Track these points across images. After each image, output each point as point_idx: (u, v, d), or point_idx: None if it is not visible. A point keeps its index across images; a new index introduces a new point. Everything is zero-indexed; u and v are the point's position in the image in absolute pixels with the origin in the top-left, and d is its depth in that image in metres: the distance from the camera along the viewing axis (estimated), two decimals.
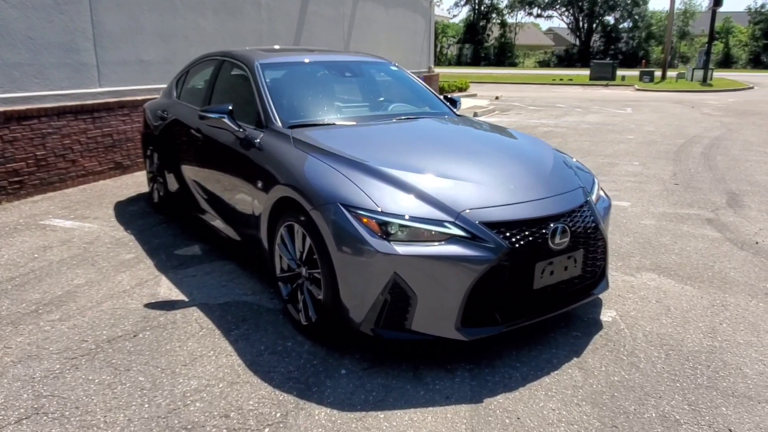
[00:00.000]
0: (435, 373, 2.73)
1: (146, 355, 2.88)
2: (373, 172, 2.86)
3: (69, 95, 6.37)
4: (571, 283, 2.96)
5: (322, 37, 11.49)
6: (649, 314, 3.38)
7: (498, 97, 20.69)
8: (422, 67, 17.33)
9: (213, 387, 2.61)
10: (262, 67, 3.95)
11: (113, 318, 3.29)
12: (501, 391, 2.60)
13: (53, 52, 6.16)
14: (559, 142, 10.05)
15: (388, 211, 2.63)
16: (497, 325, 2.72)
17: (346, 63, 4.39)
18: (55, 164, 6.26)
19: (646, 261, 4.25)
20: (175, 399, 2.51)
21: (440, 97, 4.54)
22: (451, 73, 35.24)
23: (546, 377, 2.72)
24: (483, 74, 38.35)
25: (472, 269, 2.56)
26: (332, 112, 3.87)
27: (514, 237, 2.66)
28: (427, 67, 17.92)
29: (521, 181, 2.98)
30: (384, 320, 2.65)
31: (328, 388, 2.60)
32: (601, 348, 2.99)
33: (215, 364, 2.80)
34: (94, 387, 2.61)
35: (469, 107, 16.05)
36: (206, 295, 3.60)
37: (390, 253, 2.54)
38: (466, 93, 21.79)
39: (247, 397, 2.53)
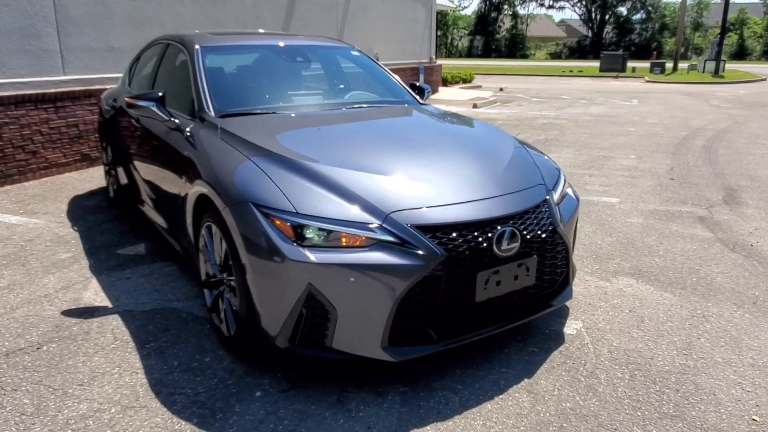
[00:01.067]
0: (362, 397, 2.39)
1: (42, 372, 2.56)
2: (296, 168, 2.51)
3: (29, 83, 6.07)
4: (524, 294, 2.61)
5: (314, 26, 11.12)
6: (619, 326, 3.01)
7: (502, 89, 20.20)
8: (423, 58, 16.90)
9: (103, 413, 2.28)
10: (202, 51, 3.61)
11: (22, 327, 2.98)
12: (432, 420, 2.26)
13: (10, 37, 5.85)
14: (557, 134, 9.63)
15: (305, 213, 2.28)
16: (432, 343, 2.37)
17: (299, 47, 4.03)
18: (13, 156, 5.97)
19: (626, 264, 3.88)
20: (55, 428, 2.19)
21: (404, 85, 4.18)
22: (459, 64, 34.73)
23: (488, 403, 2.37)
24: (492, 66, 37.75)
25: (399, 280, 2.21)
26: (276, 100, 3.51)
27: (452, 243, 2.30)
28: (428, 58, 17.48)
29: (469, 177, 2.62)
30: (301, 336, 2.31)
31: (234, 416, 2.27)
32: (558, 367, 2.64)
33: (116, 383, 2.48)
34: None
35: (470, 98, 15.62)
36: (134, 301, 3.28)
37: (303, 261, 2.20)
38: (471, 84, 21.33)
39: (139, 426, 2.20)
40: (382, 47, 14.00)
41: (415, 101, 4.00)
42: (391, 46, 14.59)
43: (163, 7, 7.61)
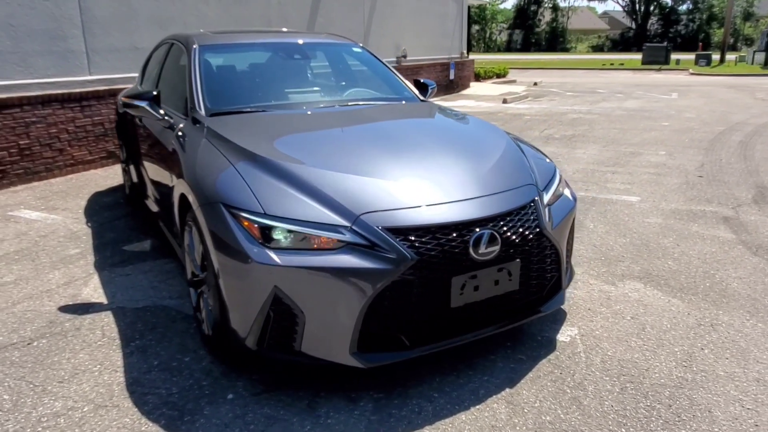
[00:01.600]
0: (334, 403, 2.34)
1: (27, 368, 2.61)
2: (271, 168, 2.46)
3: (56, 83, 6.25)
4: (508, 300, 2.50)
5: (339, 23, 11.10)
6: (617, 334, 2.86)
7: (536, 83, 19.77)
8: (453, 53, 16.68)
9: (76, 411, 2.30)
10: (200, 50, 3.61)
11: (19, 322, 3.05)
12: (401, 429, 2.18)
13: (37, 39, 6.04)
14: (585, 129, 9.33)
15: (273, 214, 2.23)
16: (405, 350, 2.29)
17: (299, 45, 3.98)
18: (41, 153, 6.17)
19: (636, 267, 3.69)
20: (27, 425, 2.22)
21: (405, 82, 4.09)
22: (495, 59, 34.27)
23: (463, 413, 2.27)
24: (530, 60, 37.04)
25: (368, 284, 2.14)
26: (269, 98, 3.48)
27: (424, 246, 2.22)
28: (459, 53, 17.24)
29: (450, 178, 2.52)
30: (269, 339, 2.27)
31: (202, 418, 2.25)
32: (544, 377, 2.52)
33: (94, 381, 2.50)
34: None
35: (501, 94, 15.34)
36: (128, 298, 3.32)
37: (268, 263, 2.16)
38: (505, 79, 20.97)
39: (107, 426, 2.21)
40: (411, 43, 13.89)
41: (415, 98, 3.91)
42: (421, 42, 14.44)
43: (186, 6, 7.72)
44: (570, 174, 6.25)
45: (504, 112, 11.93)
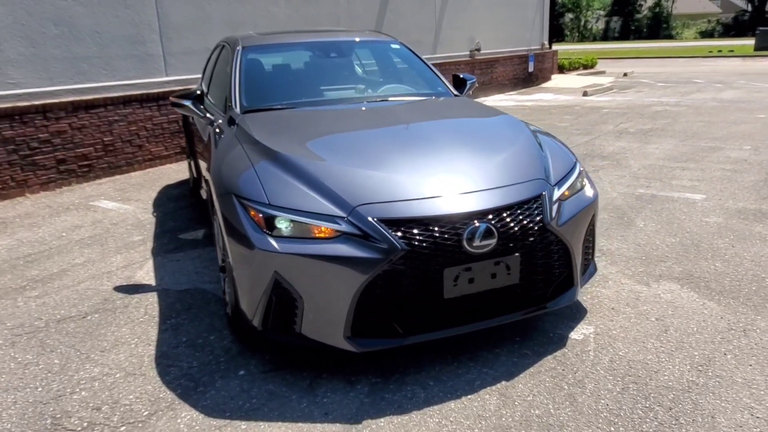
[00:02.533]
0: (333, 384, 2.47)
1: (78, 338, 2.96)
2: (282, 162, 2.62)
3: (135, 84, 6.85)
4: (509, 293, 2.50)
5: (409, 18, 11.18)
6: (635, 335, 2.77)
7: (626, 74, 18.77)
8: (533, 44, 16.23)
9: (109, 377, 2.60)
10: (243, 50, 3.86)
11: (80, 298, 3.44)
12: (390, 413, 2.27)
13: (120, 44, 6.64)
14: (666, 123, 8.81)
15: (277, 204, 2.39)
16: (397, 337, 2.38)
17: (337, 43, 4.13)
18: (122, 149, 6.79)
19: (678, 268, 3.51)
20: (68, 385, 2.54)
21: (441, 78, 4.11)
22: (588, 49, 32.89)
23: (453, 401, 2.32)
24: (627, 49, 35.12)
25: (359, 273, 2.25)
26: (302, 95, 3.66)
27: (415, 237, 2.29)
28: (540, 44, 16.75)
29: (453, 172, 2.56)
30: (272, 321, 2.44)
31: (213, 390, 2.46)
32: (545, 372, 2.50)
33: (129, 353, 2.80)
34: (14, 365, 2.73)
35: (583, 86, 14.74)
36: (173, 281, 3.64)
37: (269, 250, 2.32)
38: (593, 70, 20.12)
39: (131, 391, 2.48)
40: (487, 35, 13.68)
41: (449, 93, 3.93)
42: (497, 34, 14.19)
43: (257, 8, 8.13)
44: (634, 170, 5.97)
45: (581, 105, 11.49)
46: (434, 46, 11.98)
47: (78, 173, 6.39)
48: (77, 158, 6.36)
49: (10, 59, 5.78)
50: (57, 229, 4.80)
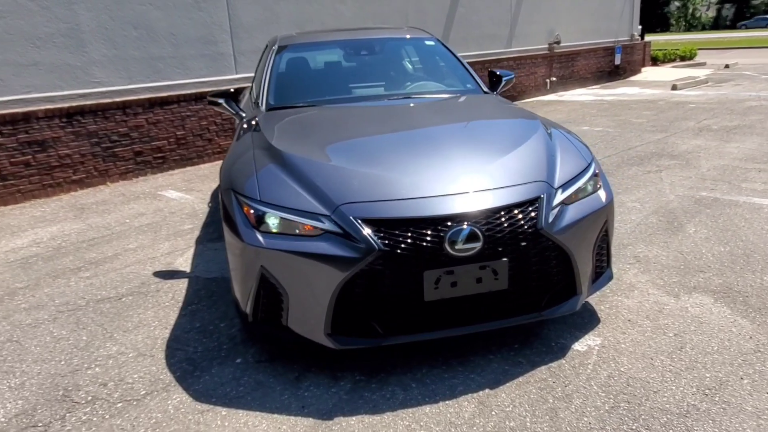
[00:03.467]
0: (318, 379, 2.52)
1: (108, 318, 3.23)
2: (281, 159, 2.70)
3: (206, 82, 7.26)
4: (498, 299, 2.43)
5: (482, 12, 10.95)
6: (645, 350, 2.59)
7: (728, 66, 17.25)
8: (621, 36, 15.35)
9: (123, 356, 2.81)
10: (279, 49, 4.00)
11: (122, 281, 3.74)
12: (364, 412, 2.29)
13: (193, 44, 7.07)
14: (755, 120, 8.05)
15: (267, 201, 2.47)
16: (377, 337, 2.38)
17: (370, 41, 4.15)
18: (193, 142, 7.23)
19: (717, 280, 3.22)
20: (86, 361, 2.79)
21: (473, 75, 4.01)
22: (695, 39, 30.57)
23: (429, 405, 2.30)
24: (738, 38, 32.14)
25: (338, 271, 2.28)
26: (327, 93, 3.72)
27: (394, 238, 2.28)
28: (629, 35, 15.79)
29: (447, 173, 2.51)
30: (261, 314, 2.53)
31: (207, 375, 2.60)
32: (534, 383, 2.40)
33: (147, 334, 3.01)
34: (49, 339, 3.03)
35: (675, 79, 13.72)
36: (205, 269, 3.85)
37: (256, 245, 2.41)
38: (690, 62, 18.71)
39: (137, 370, 2.68)
40: (568, 27, 13.11)
41: (478, 90, 3.84)
42: (580, 26, 13.55)
43: (324, 7, 8.33)
44: (703, 171, 5.52)
45: (666, 100, 10.73)
46: (509, 39, 11.65)
47: (153, 164, 6.90)
48: (152, 151, 6.86)
49: (94, 60, 6.34)
50: (123, 216, 5.22)
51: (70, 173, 6.27)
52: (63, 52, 6.09)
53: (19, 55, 5.80)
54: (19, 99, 5.85)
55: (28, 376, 2.68)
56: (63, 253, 4.34)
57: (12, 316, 3.32)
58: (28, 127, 5.91)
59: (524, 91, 12.11)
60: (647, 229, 4.08)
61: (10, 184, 5.87)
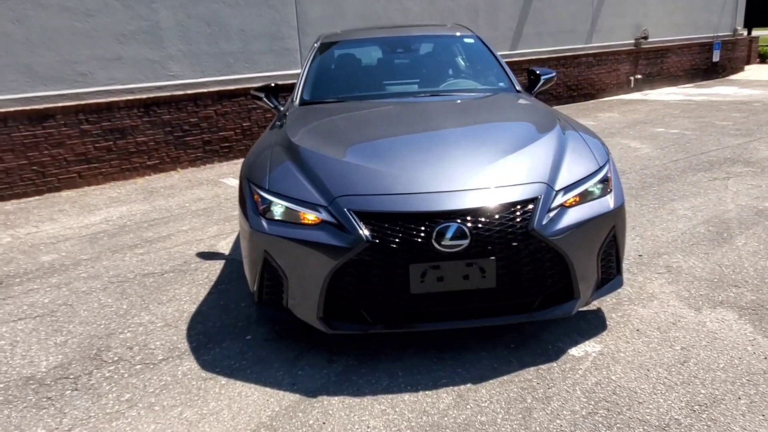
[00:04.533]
0: (315, 360, 2.68)
1: (149, 291, 3.56)
2: (294, 151, 2.86)
3: (273, 76, 7.62)
4: (487, 297, 2.46)
5: (561, 6, 10.61)
6: (644, 361, 2.51)
7: None
8: (722, 30, 14.26)
9: (152, 324, 3.11)
10: (320, 46, 4.18)
11: (168, 259, 4.09)
12: (347, 393, 2.41)
13: (261, 40, 7.44)
14: None
15: (274, 191, 2.65)
16: (365, 324, 2.49)
17: (409, 39, 4.22)
18: (258, 133, 7.63)
19: (750, 296, 3.03)
20: (121, 326, 3.11)
21: (508, 73, 3.96)
22: None
23: (408, 393, 2.38)
24: None
25: (330, 259, 2.41)
26: (358, 89, 3.85)
27: (383, 231, 2.37)
28: (731, 30, 14.63)
29: (445, 170, 2.56)
30: (265, 295, 2.71)
31: (218, 348, 2.83)
32: (518, 382, 2.42)
33: (176, 308, 3.30)
34: (96, 305, 3.40)
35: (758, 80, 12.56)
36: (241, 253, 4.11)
37: (260, 230, 2.59)
38: None
39: (160, 338, 2.96)
40: (658, 21, 12.38)
41: (510, 89, 3.80)
42: (672, 20, 12.75)
43: (390, 2, 8.45)
44: None
45: (764, 101, 9.91)
46: (589, 35, 11.21)
47: (220, 153, 7.36)
48: (220, 140, 7.32)
49: (171, 55, 6.86)
50: (184, 200, 5.65)
51: (145, 159, 6.84)
52: (143, 47, 6.64)
53: (105, 51, 6.41)
54: (103, 90, 6.46)
55: (71, 336, 3.04)
56: (126, 231, 4.79)
57: (72, 284, 3.75)
58: (111, 115, 6.52)
59: (604, 89, 11.63)
60: (691, 239, 3.88)
61: (94, 167, 6.51)
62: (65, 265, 4.08)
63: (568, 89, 11.01)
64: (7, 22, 5.83)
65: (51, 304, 3.43)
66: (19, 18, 5.90)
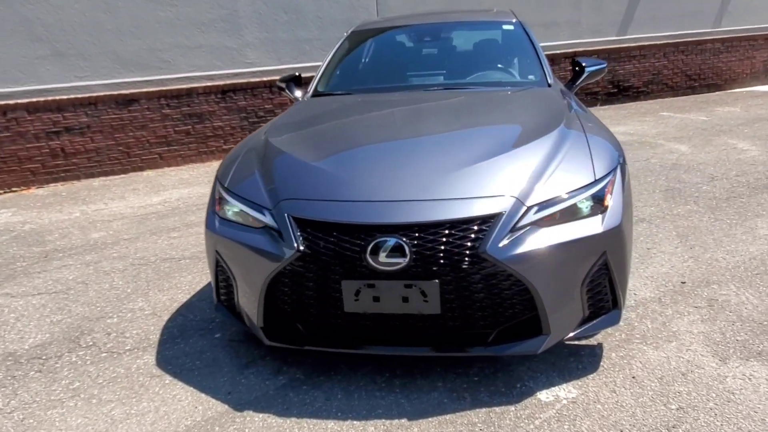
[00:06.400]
0: (263, 369, 2.55)
1: (158, 276, 3.66)
2: (263, 149, 2.72)
3: None
4: (433, 324, 2.17)
5: None
6: (621, 418, 2.07)
7: None
8: None
9: (141, 312, 3.18)
10: (350, 35, 3.99)
11: (194, 245, 4.19)
12: (273, 412, 2.25)
13: (338, 27, 7.38)
14: None
15: (231, 190, 2.53)
16: (299, 340, 2.31)
17: (441, 27, 3.87)
18: None
19: None
20: (114, 310, 3.21)
21: (543, 65, 3.44)
22: None
23: (334, 421, 2.17)
24: None
25: (266, 267, 2.26)
26: (374, 81, 3.61)
27: (317, 241, 2.17)
28: None
29: (400, 178, 2.26)
30: (221, 296, 2.63)
31: (183, 344, 2.81)
32: (459, 425, 2.10)
33: (171, 297, 3.34)
34: (107, 287, 3.56)
35: None
36: None
37: (212, 229, 2.50)
38: None
39: (139, 327, 3.00)
40: None
41: (543, 83, 3.32)
42: None
43: None
44: None
45: None
46: (718, 16, 9.78)
47: None
48: None
49: (248, 43, 7.05)
50: None
51: (221, 143, 7.13)
52: (222, 35, 6.88)
53: (186, 39, 6.73)
54: (184, 77, 6.81)
55: (68, 316, 3.20)
56: (175, 213, 5.00)
57: (100, 263, 3.97)
58: (190, 101, 6.86)
59: (733, 79, 10.14)
60: (757, 268, 3.18)
61: (174, 149, 6.91)
62: (106, 243, 4.34)
63: (687, 79, 9.74)
64: (99, 12, 6.33)
65: (71, 282, 3.66)
66: (110, 8, 6.37)
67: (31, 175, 6.35)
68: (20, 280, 3.75)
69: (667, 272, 3.21)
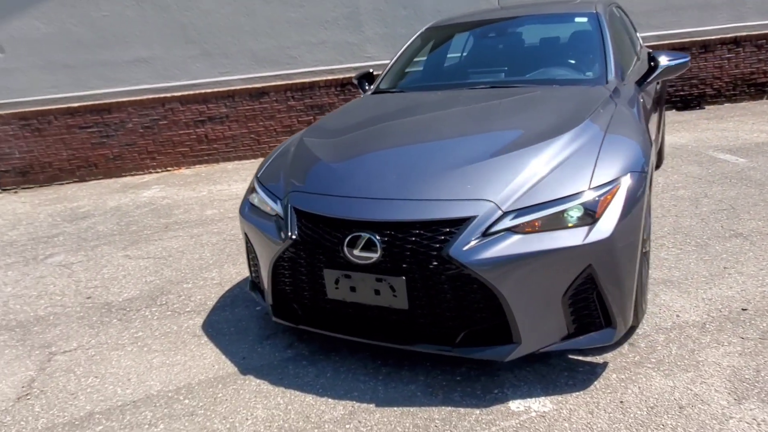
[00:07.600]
0: (281, 341, 2.83)
1: (241, 252, 4.15)
2: (297, 144, 2.98)
3: None
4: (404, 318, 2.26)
5: None
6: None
7: None
8: None
9: (212, 281, 3.67)
10: (427, 30, 4.09)
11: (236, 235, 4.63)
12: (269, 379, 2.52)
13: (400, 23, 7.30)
14: None
15: (260, 180, 2.84)
16: (297, 319, 2.55)
17: (509, 23, 3.74)
18: None
19: None
20: (192, 277, 3.75)
21: (609, 62, 3.15)
22: None
23: (312, 396, 2.37)
24: None
25: (272, 251, 2.53)
26: (432, 79, 3.65)
27: (307, 231, 2.38)
28: None
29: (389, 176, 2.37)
30: (252, 273, 2.96)
31: (228, 312, 3.21)
32: (420, 418, 2.18)
33: (238, 271, 3.79)
34: (197, 257, 4.14)
35: None
36: None
37: (242, 215, 2.83)
38: None
39: (204, 294, 3.48)
40: None
41: (601, 80, 3.07)
42: None
43: None
44: None
45: None
46: None
47: None
48: None
49: (368, 38, 7.40)
50: None
51: None
52: (344, 31, 7.32)
53: (312, 36, 7.28)
54: (308, 71, 7.39)
55: (159, 277, 3.81)
56: None
57: (201, 236, 4.60)
58: (312, 93, 7.43)
59: None
60: None
61: None
62: (213, 220, 5.00)
63: None
64: (240, 15, 7.14)
65: (173, 250, 4.31)
66: (249, 12, 7.14)
67: (182, 157, 7.42)
68: (141, 245, 4.51)
69: (732, 296, 2.84)
